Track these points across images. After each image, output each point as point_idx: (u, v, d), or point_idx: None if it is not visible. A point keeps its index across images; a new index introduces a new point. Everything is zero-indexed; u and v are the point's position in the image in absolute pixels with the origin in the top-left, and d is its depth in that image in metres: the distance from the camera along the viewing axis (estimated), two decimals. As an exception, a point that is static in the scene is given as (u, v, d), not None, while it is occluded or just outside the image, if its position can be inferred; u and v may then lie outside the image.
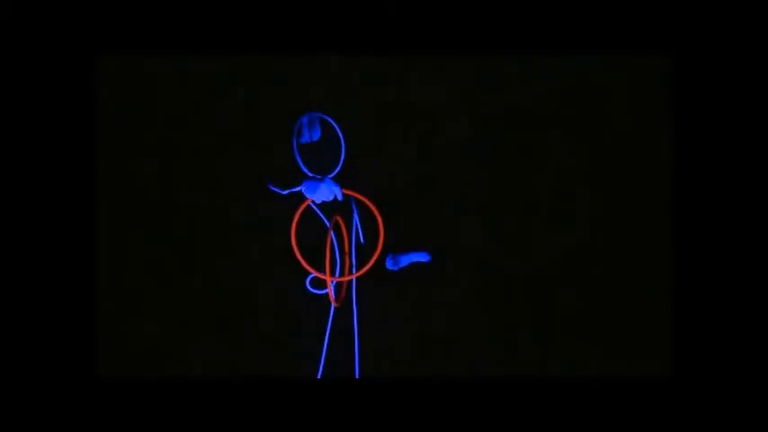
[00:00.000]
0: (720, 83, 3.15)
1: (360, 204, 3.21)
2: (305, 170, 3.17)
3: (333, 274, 3.21)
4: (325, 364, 3.24)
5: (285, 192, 3.18)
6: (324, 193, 3.15)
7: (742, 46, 3.14)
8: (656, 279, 3.24)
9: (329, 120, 3.20)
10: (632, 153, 3.30)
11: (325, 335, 3.24)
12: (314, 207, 3.20)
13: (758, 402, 3.09)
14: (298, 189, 3.17)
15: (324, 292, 3.22)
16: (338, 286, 3.23)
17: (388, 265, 3.22)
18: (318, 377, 3.24)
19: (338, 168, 3.18)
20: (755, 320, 3.13)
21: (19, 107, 3.16)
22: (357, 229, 3.24)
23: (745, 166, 3.15)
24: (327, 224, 3.19)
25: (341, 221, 3.21)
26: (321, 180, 3.15)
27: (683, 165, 3.18)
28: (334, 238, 3.22)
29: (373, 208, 3.16)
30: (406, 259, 3.24)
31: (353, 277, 3.22)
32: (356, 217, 3.23)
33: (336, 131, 3.19)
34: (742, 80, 3.15)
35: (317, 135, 3.21)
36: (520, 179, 3.32)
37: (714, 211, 3.16)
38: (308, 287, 3.23)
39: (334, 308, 3.22)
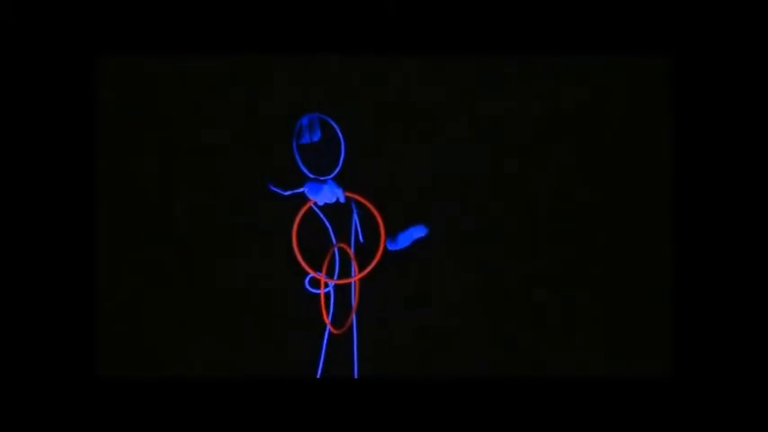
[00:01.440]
0: (720, 83, 3.15)
1: (360, 206, 3.20)
2: (305, 171, 3.16)
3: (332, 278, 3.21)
4: (324, 363, 3.23)
5: (287, 193, 3.17)
6: (326, 194, 3.15)
7: (742, 46, 3.14)
8: (656, 279, 3.25)
9: (329, 120, 3.20)
10: (632, 153, 3.30)
11: (323, 335, 3.24)
12: (315, 209, 3.20)
13: (758, 402, 3.09)
14: (300, 190, 3.16)
15: (325, 291, 3.22)
16: (341, 312, 3.22)
17: (389, 246, 3.20)
18: (317, 377, 3.23)
19: (338, 169, 3.17)
20: (755, 321, 3.13)
21: (19, 107, 3.16)
22: (357, 229, 3.24)
23: (745, 166, 3.15)
24: (332, 237, 3.20)
25: (347, 249, 3.20)
26: (324, 182, 3.14)
27: (683, 165, 3.18)
28: (336, 251, 3.22)
29: (375, 212, 3.15)
30: (405, 237, 3.22)
31: (354, 279, 3.21)
32: (356, 217, 3.23)
33: (336, 132, 3.19)
34: (742, 80, 3.15)
35: (316, 136, 3.21)
36: (520, 179, 3.32)
37: (714, 211, 3.16)
38: (307, 287, 3.23)
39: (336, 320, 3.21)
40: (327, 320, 3.19)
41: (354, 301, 3.20)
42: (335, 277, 3.21)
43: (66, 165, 3.18)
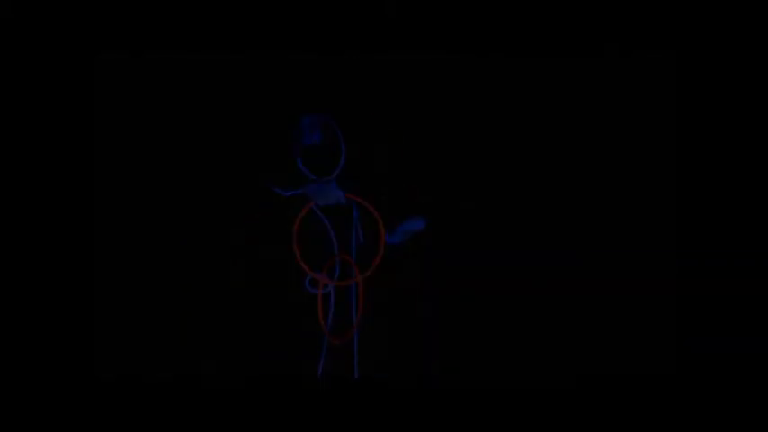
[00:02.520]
0: (722, 82, 3.18)
1: (360, 207, 3.20)
2: (306, 172, 3.16)
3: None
4: (324, 363, 3.23)
5: (287, 194, 3.17)
6: (327, 196, 3.14)
7: (743, 45, 3.17)
8: (658, 278, 3.26)
9: (330, 121, 3.20)
10: (633, 153, 3.32)
11: (323, 336, 3.23)
12: (316, 210, 3.19)
13: (760, 400, 3.11)
14: (301, 191, 3.16)
15: (325, 290, 3.21)
16: (344, 324, 3.21)
17: (387, 240, 3.20)
18: (318, 377, 3.23)
19: (338, 170, 3.17)
20: (756, 320, 3.15)
21: (18, 106, 3.15)
22: (357, 230, 3.24)
23: (747, 166, 3.17)
24: (332, 238, 3.19)
25: (348, 259, 3.20)
26: (325, 183, 3.14)
27: (685, 164, 3.20)
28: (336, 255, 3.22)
29: (375, 213, 3.15)
30: (404, 230, 3.21)
31: (354, 281, 3.21)
32: (356, 218, 3.23)
33: (337, 133, 3.19)
34: (744, 79, 3.17)
35: (317, 137, 3.20)
36: (521, 179, 3.33)
37: (716, 210, 3.17)
38: (307, 287, 3.22)
39: (335, 327, 3.20)
40: (326, 329, 3.18)
41: (356, 312, 3.19)
42: (335, 278, 3.21)
43: (64, 164, 3.17)
